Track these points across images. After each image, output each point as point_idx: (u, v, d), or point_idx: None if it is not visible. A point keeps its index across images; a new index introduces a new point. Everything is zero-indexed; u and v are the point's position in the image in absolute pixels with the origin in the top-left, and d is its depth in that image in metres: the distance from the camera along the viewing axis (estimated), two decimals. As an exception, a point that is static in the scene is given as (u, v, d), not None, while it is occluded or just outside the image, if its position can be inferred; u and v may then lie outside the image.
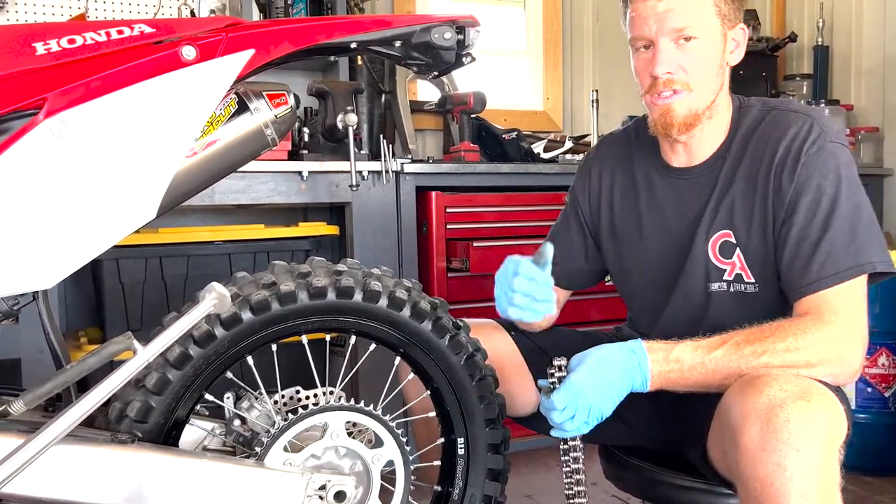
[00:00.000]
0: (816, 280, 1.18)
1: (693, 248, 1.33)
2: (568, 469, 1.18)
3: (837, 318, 1.15)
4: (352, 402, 1.23)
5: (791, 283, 1.22)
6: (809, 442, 1.00)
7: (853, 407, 2.44)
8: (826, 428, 1.02)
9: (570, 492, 1.19)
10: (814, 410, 1.01)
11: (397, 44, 1.17)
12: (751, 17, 3.34)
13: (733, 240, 1.30)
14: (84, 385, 1.13)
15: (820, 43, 3.41)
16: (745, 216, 1.28)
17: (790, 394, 1.02)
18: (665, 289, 1.39)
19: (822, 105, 3.22)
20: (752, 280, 1.29)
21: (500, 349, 1.44)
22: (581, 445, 1.18)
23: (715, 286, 1.32)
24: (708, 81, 1.27)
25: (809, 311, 1.17)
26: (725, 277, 1.31)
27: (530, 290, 1.22)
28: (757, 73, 3.26)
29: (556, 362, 1.14)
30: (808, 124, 1.25)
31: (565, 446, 1.18)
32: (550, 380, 1.14)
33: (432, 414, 1.36)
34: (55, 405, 1.16)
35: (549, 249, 1.23)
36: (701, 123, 1.29)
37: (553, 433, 1.15)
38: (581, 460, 1.17)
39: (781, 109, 1.31)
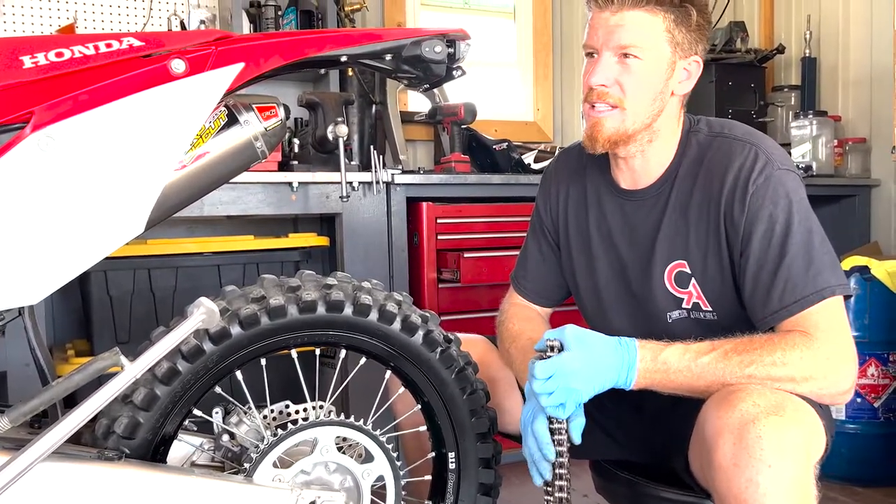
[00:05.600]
0: (779, 309, 1.17)
1: (650, 278, 1.32)
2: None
3: (823, 336, 1.14)
4: (342, 416, 1.23)
5: (755, 314, 1.22)
6: (782, 457, 0.99)
7: (842, 417, 2.45)
8: (799, 443, 1.01)
9: (551, 474, 1.17)
10: (787, 425, 1.01)
11: (388, 57, 1.17)
12: (739, 29, 3.36)
13: (688, 270, 1.29)
14: (71, 401, 1.12)
15: (808, 54, 3.44)
16: (699, 247, 1.28)
17: (763, 409, 1.02)
18: (625, 314, 1.38)
19: (811, 114, 3.25)
20: (710, 308, 1.29)
21: (491, 363, 1.44)
22: (566, 428, 1.16)
23: (675, 314, 1.32)
24: (643, 104, 1.26)
25: (795, 330, 1.16)
26: (684, 306, 1.31)
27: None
28: (745, 84, 3.27)
29: (549, 342, 1.15)
30: (752, 153, 1.24)
31: (552, 427, 1.16)
32: (547, 350, 1.15)
33: (423, 428, 1.35)
34: (41, 422, 1.15)
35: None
36: (637, 144, 1.29)
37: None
38: (565, 443, 1.16)
39: (726, 136, 1.29)
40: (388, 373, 1.33)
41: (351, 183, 2.31)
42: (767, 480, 0.98)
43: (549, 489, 1.18)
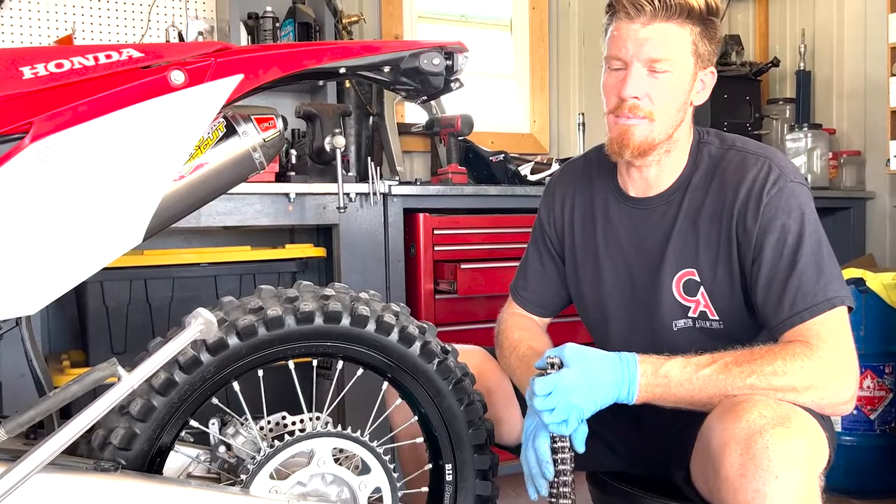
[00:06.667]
0: (790, 316, 1.19)
1: (658, 286, 1.33)
2: (554, 466, 1.17)
3: (825, 346, 1.15)
4: (339, 427, 1.22)
5: (768, 322, 1.23)
6: (789, 468, 1.00)
7: (839, 429, 2.45)
8: (806, 454, 1.02)
9: (554, 489, 1.17)
10: (793, 437, 1.01)
11: (386, 69, 1.18)
12: (734, 43, 3.38)
13: (697, 278, 1.31)
14: (67, 412, 1.12)
15: (802, 68, 3.47)
16: (709, 256, 1.29)
17: (769, 420, 1.03)
18: (628, 323, 1.39)
19: (806, 127, 3.27)
20: (717, 318, 1.30)
21: (488, 375, 1.44)
22: (570, 446, 1.17)
23: (681, 323, 1.33)
24: (670, 115, 1.28)
25: (797, 340, 1.17)
26: (690, 315, 1.32)
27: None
28: (741, 97, 3.29)
29: (549, 360, 1.15)
30: (766, 166, 1.26)
31: (554, 445, 1.17)
32: (548, 367, 1.15)
33: (420, 440, 1.35)
34: (37, 432, 1.14)
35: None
36: (656, 154, 1.30)
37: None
38: (569, 461, 1.16)
39: (738, 150, 1.32)
40: (385, 384, 1.33)
41: (348, 194, 2.31)
42: (774, 491, 0.99)
43: None
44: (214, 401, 1.21)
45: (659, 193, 1.35)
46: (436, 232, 2.49)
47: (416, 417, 1.34)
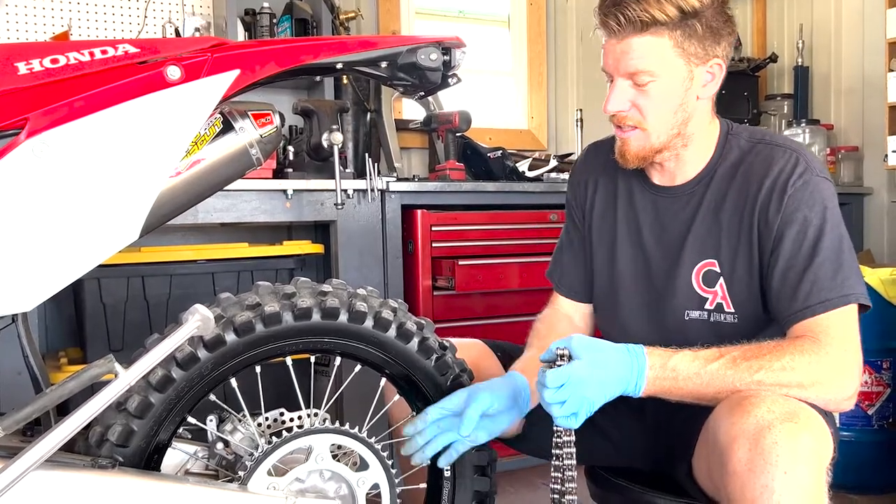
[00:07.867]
0: (803, 308, 1.19)
1: (675, 275, 1.33)
2: (558, 462, 1.16)
3: (833, 342, 1.15)
4: (337, 424, 1.22)
5: (780, 312, 1.23)
6: (797, 464, 1.00)
7: (837, 425, 2.45)
8: (813, 450, 1.02)
9: (558, 486, 1.16)
10: (801, 432, 1.02)
11: (383, 65, 1.17)
12: (732, 38, 3.38)
13: (717, 269, 1.31)
14: (64, 409, 1.11)
15: (800, 63, 3.47)
16: (731, 247, 1.29)
17: (778, 415, 1.03)
18: (639, 310, 1.39)
19: (804, 123, 3.27)
20: (732, 310, 1.30)
21: (486, 370, 1.43)
22: (574, 441, 1.16)
23: (695, 314, 1.33)
24: (664, 120, 1.27)
25: (805, 335, 1.17)
26: (706, 306, 1.32)
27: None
28: (738, 92, 3.30)
29: (558, 351, 1.13)
30: (793, 158, 1.26)
31: (559, 440, 1.16)
32: (557, 359, 1.13)
33: (418, 436, 1.34)
34: (34, 429, 1.14)
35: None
36: (667, 153, 1.31)
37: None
38: (573, 456, 1.16)
39: (768, 143, 1.31)
40: (384, 380, 1.33)
41: (346, 190, 2.31)
42: (783, 486, 0.99)
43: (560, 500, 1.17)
44: (212, 397, 1.21)
45: (684, 183, 1.36)
46: (434, 228, 2.49)
47: (414, 413, 1.33)
